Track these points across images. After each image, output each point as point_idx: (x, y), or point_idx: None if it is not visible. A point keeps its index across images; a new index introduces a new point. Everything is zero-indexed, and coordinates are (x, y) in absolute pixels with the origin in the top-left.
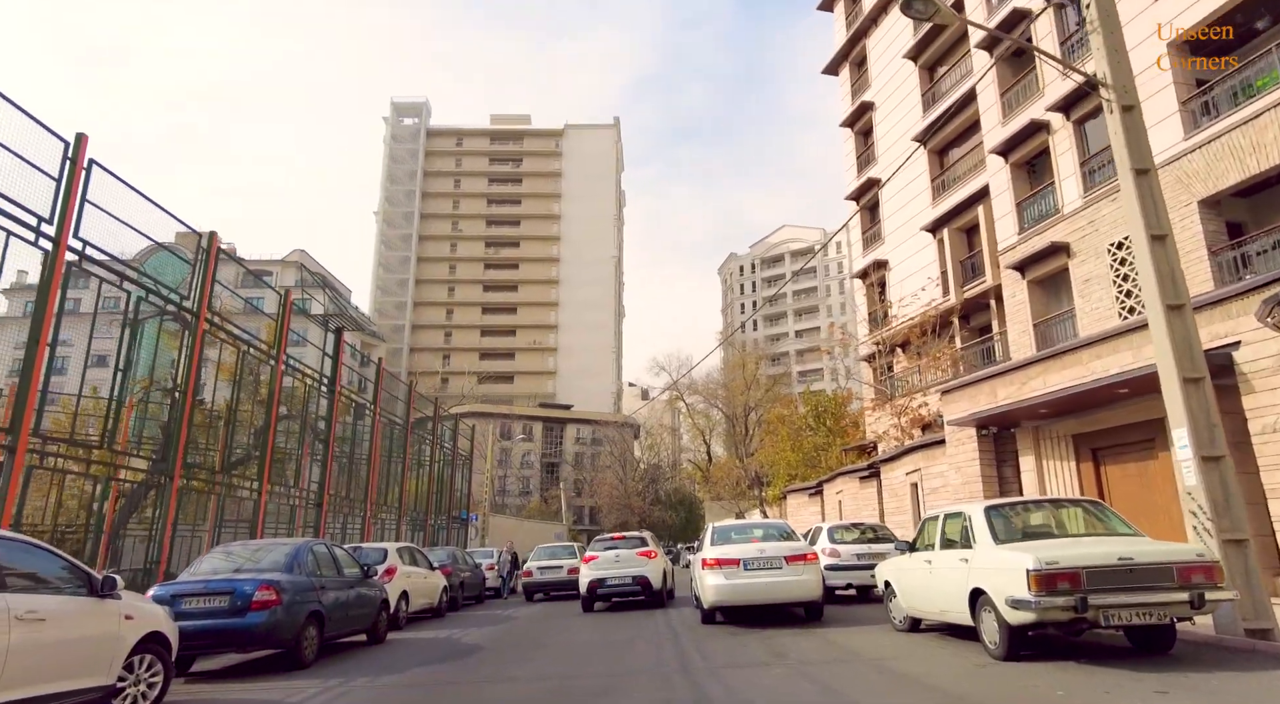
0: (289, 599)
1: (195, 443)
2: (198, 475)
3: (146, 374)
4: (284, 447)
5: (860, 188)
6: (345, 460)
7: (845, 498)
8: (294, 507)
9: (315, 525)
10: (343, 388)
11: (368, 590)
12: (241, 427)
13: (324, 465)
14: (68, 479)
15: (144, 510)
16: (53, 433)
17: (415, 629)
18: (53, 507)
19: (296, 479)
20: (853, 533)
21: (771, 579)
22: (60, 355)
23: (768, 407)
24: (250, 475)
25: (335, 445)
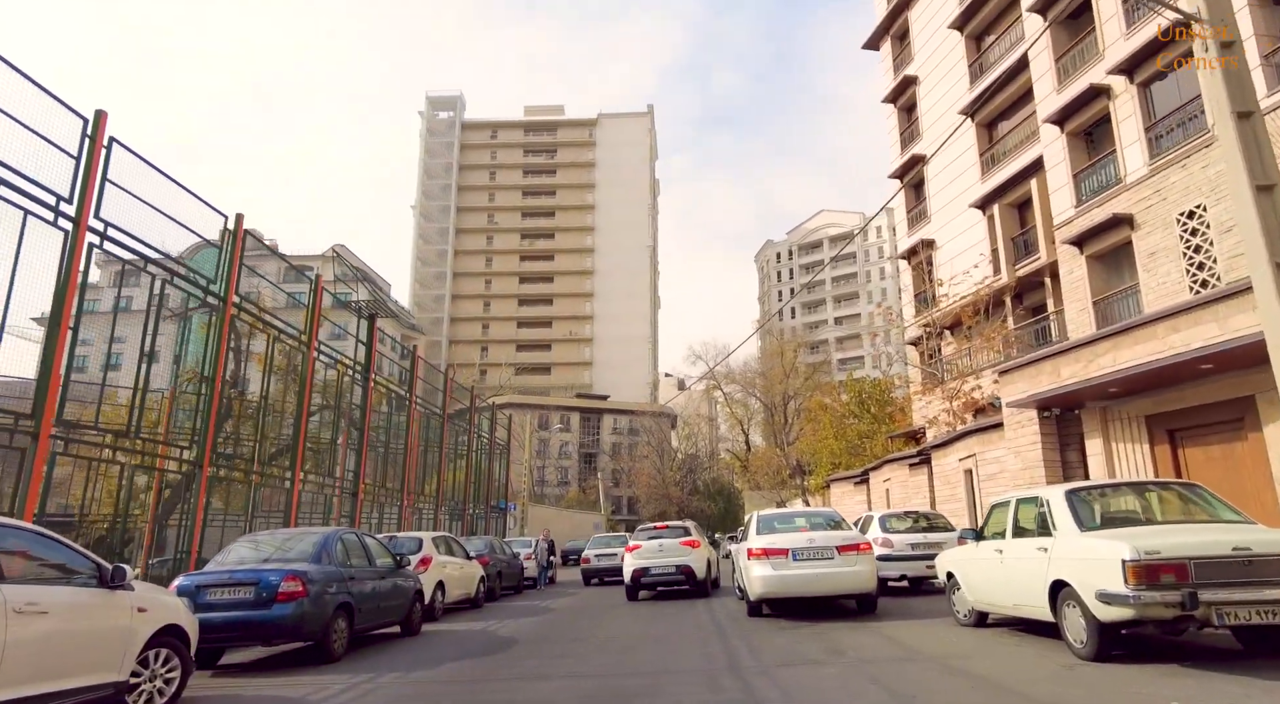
0: (316, 590)
1: (236, 433)
2: (238, 466)
3: (191, 365)
4: (319, 435)
5: (904, 165)
6: (383, 450)
7: (893, 486)
8: (329, 496)
9: (351, 515)
10: (377, 376)
11: (401, 581)
12: (281, 417)
13: (359, 454)
14: (114, 470)
15: (188, 501)
16: (79, 420)
17: (451, 620)
18: (103, 496)
19: (331, 468)
20: (906, 521)
21: (823, 570)
22: (100, 349)
23: (808, 395)
24: (288, 465)
25: (372, 435)
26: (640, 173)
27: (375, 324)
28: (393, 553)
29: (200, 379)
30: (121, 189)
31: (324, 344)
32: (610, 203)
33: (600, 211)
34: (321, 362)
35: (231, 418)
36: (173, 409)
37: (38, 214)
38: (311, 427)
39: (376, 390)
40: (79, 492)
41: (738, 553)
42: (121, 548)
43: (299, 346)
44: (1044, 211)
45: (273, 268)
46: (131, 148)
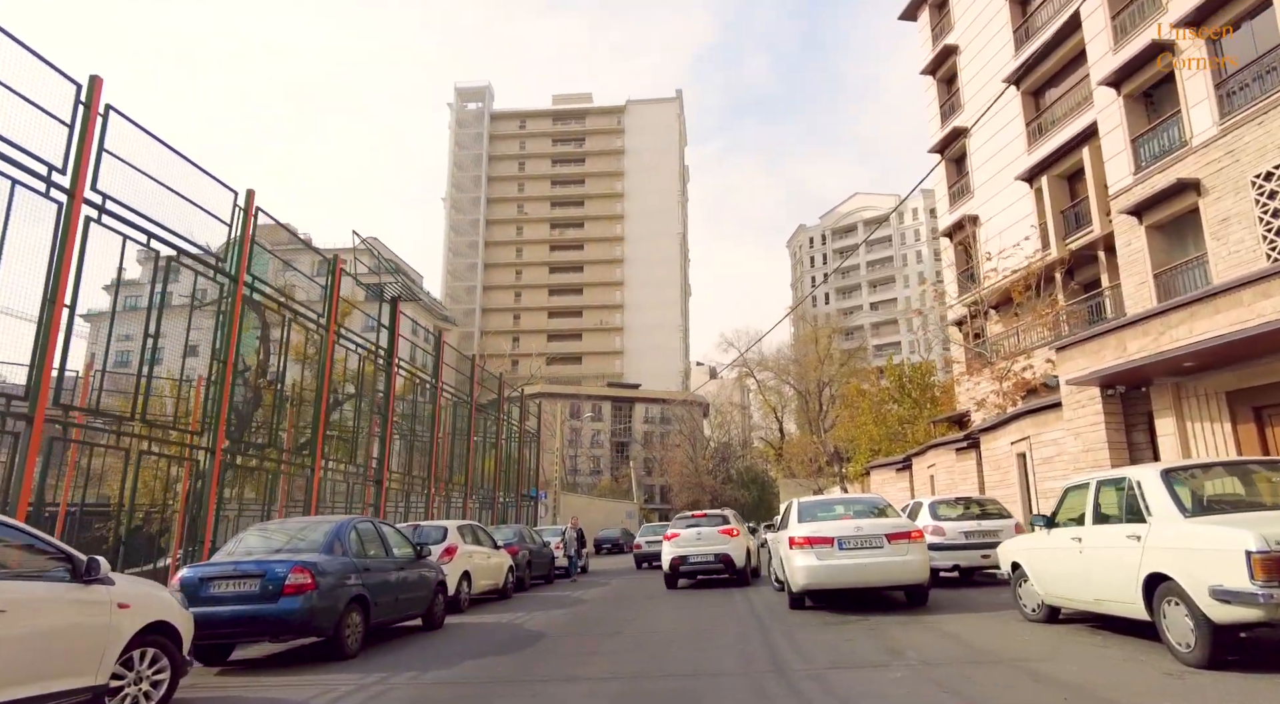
0: (327, 583)
1: (270, 422)
2: (269, 455)
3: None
4: (343, 422)
5: (944, 139)
6: (411, 438)
7: (938, 472)
8: (351, 485)
9: (376, 504)
10: (402, 362)
11: (421, 572)
12: (307, 406)
13: (382, 441)
14: (148, 460)
15: (224, 490)
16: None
17: (477, 612)
18: (139, 487)
19: (353, 456)
20: (957, 508)
21: (871, 560)
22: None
23: (843, 381)
24: (325, 455)
25: (401, 423)
26: (670, 159)
27: (398, 308)
28: (413, 543)
29: (212, 361)
30: (118, 158)
31: (345, 329)
32: (640, 190)
33: (630, 199)
34: (343, 347)
35: (261, 407)
36: (205, 398)
37: (28, 185)
38: (340, 415)
39: (404, 378)
40: (100, 481)
41: (776, 542)
42: (158, 538)
43: (318, 329)
44: (1098, 181)
45: (306, 263)
46: (131, 117)
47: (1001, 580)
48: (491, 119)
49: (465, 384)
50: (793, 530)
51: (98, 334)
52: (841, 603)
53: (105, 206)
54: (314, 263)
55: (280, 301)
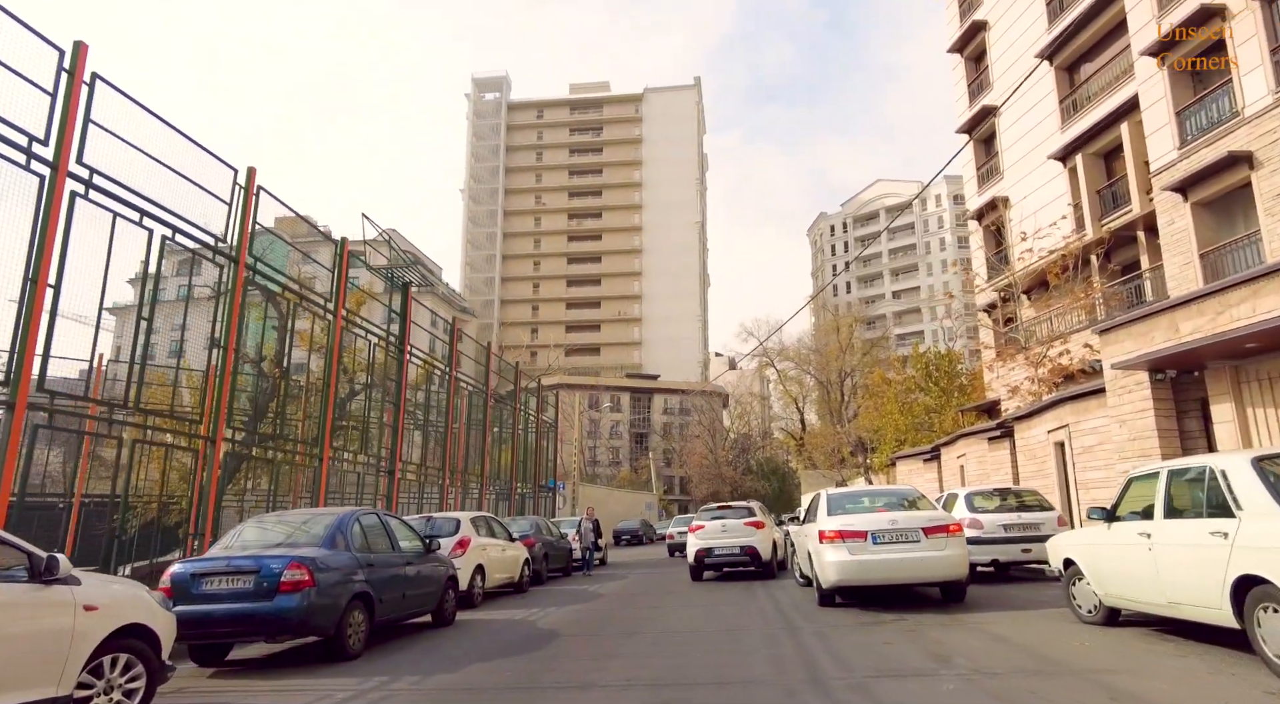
0: (326, 579)
1: (280, 412)
2: (282, 447)
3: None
4: (356, 413)
5: (973, 119)
6: (427, 429)
7: (969, 462)
8: (361, 476)
9: (389, 495)
10: (415, 350)
11: (430, 567)
12: (312, 396)
13: (394, 431)
14: (156, 449)
15: (239, 482)
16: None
17: (491, 607)
18: (158, 477)
19: (365, 446)
20: (995, 500)
21: (907, 555)
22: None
23: (866, 371)
24: (336, 446)
25: (417, 413)
26: (688, 148)
27: (410, 295)
28: (421, 536)
29: (211, 347)
30: (104, 129)
31: (359, 318)
32: (658, 180)
33: (647, 189)
34: (353, 334)
35: (278, 397)
36: (203, 386)
37: (7, 156)
38: (353, 405)
39: (418, 367)
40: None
41: (801, 536)
42: (176, 530)
43: (325, 314)
44: (1137, 158)
45: (327, 256)
46: (119, 86)
47: (1043, 576)
48: (509, 109)
49: (483, 374)
50: (823, 524)
51: (123, 328)
52: (873, 599)
53: (93, 181)
54: (334, 255)
55: (285, 285)
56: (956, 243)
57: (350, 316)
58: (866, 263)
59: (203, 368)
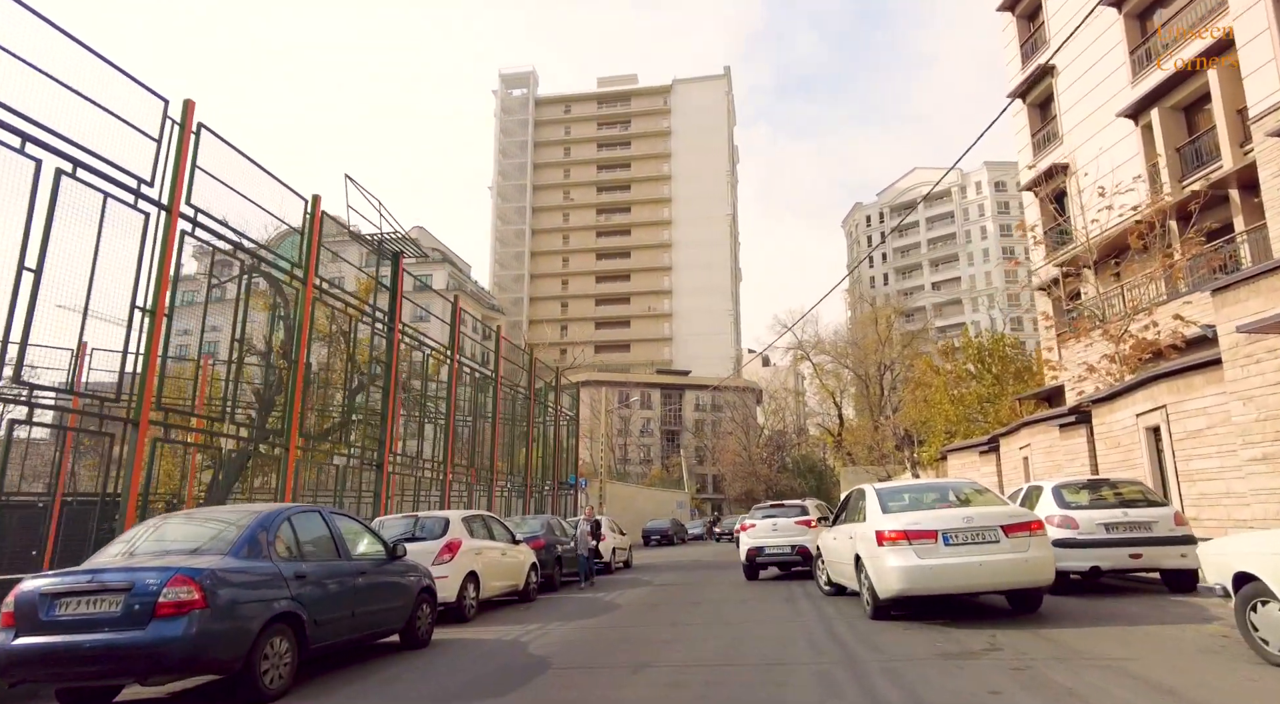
0: (228, 597)
1: (287, 408)
2: (281, 443)
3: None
4: (341, 402)
5: (1027, 81)
6: (434, 420)
7: (1034, 454)
8: (342, 470)
9: (376, 491)
10: (406, 327)
11: (394, 577)
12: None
13: (384, 419)
14: None
15: (246, 479)
16: None
17: (487, 621)
18: None
19: (345, 437)
20: (1089, 493)
21: (986, 558)
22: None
23: (907, 363)
24: (314, 436)
25: (416, 403)
26: (718, 139)
27: (401, 265)
28: (384, 539)
29: (233, 342)
30: (210, 175)
31: (324, 280)
32: (687, 172)
33: (677, 181)
34: (328, 306)
35: (283, 392)
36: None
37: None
38: (340, 394)
39: (418, 351)
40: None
41: (839, 537)
42: None
43: (291, 282)
44: (1229, 106)
45: (356, 255)
46: (219, 134)
47: (1145, 584)
48: (536, 104)
49: (492, 360)
50: (878, 523)
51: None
52: (932, 610)
53: (197, 219)
54: (362, 255)
55: (236, 244)
56: (999, 231)
57: (326, 289)
58: (905, 254)
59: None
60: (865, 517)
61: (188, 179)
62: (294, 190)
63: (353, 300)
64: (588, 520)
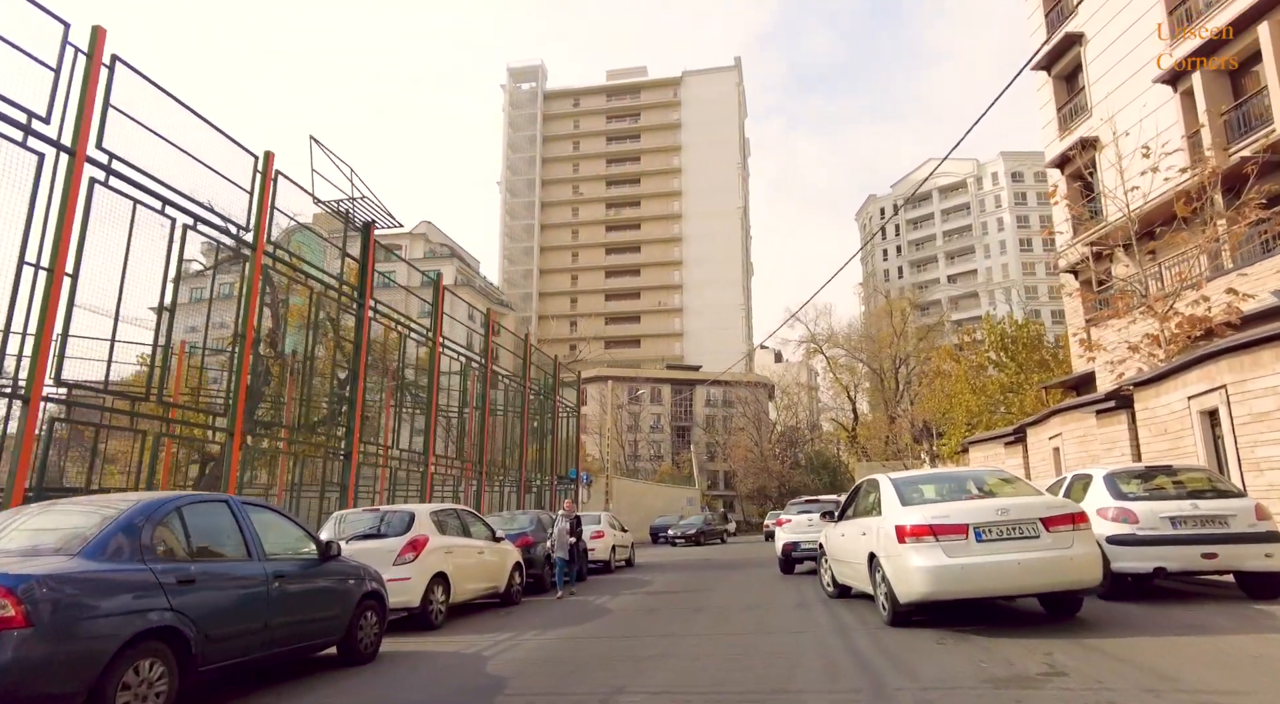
0: (65, 614)
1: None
2: (277, 435)
3: None
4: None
5: (1053, 52)
6: (415, 411)
7: (1066, 443)
8: (300, 460)
9: (343, 483)
10: (378, 304)
11: (327, 581)
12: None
13: (351, 404)
14: None
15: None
16: None
17: (455, 629)
18: None
19: (306, 421)
20: (1147, 482)
21: (1026, 556)
22: None
23: (924, 355)
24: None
25: (403, 391)
26: (729, 132)
27: (372, 237)
28: (316, 537)
29: (160, 314)
30: (129, 117)
31: (276, 245)
32: (698, 165)
33: (687, 175)
34: (281, 276)
35: (270, 383)
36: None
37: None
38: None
39: (392, 331)
40: None
41: (846, 534)
42: None
43: (237, 248)
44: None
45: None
46: (138, 68)
47: (1212, 588)
48: (545, 98)
49: (504, 358)
50: (898, 517)
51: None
52: (956, 617)
53: (111, 167)
54: (253, 173)
55: (165, 198)
56: (1015, 223)
57: (276, 251)
58: (920, 246)
59: None
60: (881, 510)
61: (99, 118)
62: (242, 145)
63: (315, 272)
64: (566, 516)
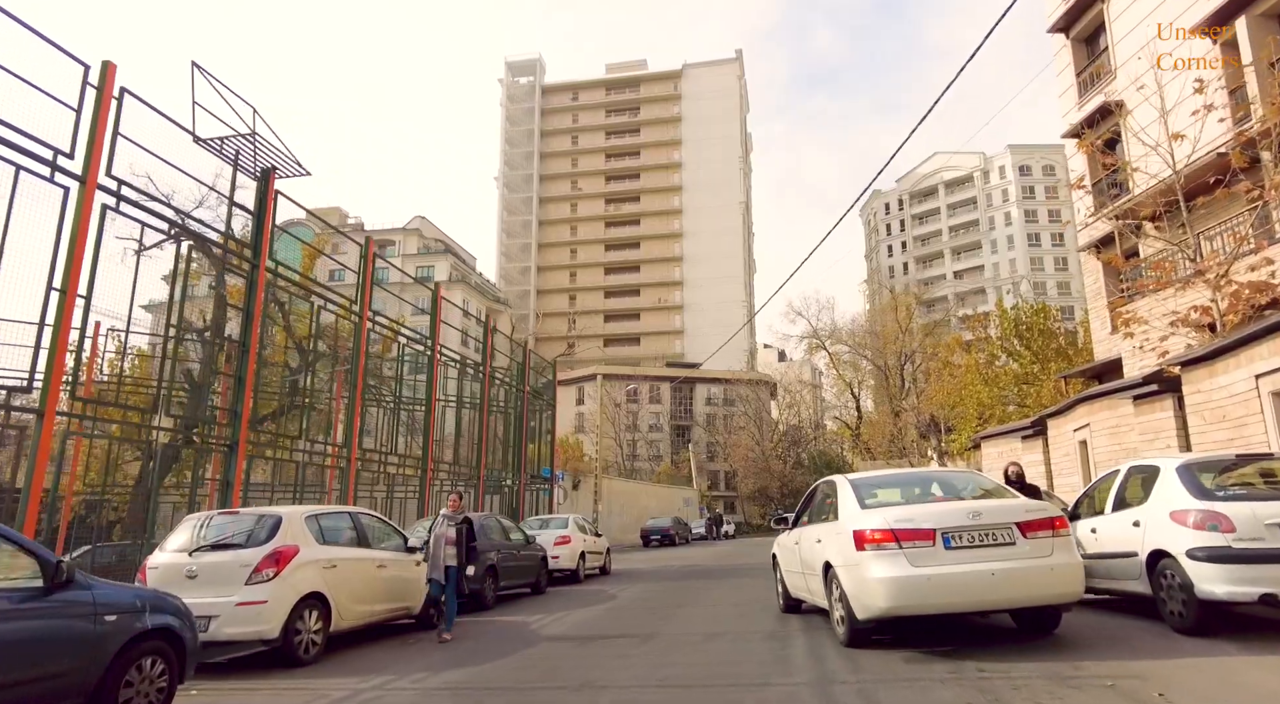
0: None
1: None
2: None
3: None
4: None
5: (1070, 11)
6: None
7: (1096, 435)
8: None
9: (228, 479)
10: (276, 264)
11: (52, 621)
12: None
13: (240, 383)
14: None
15: (179, 473)
16: None
17: (332, 665)
18: None
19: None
20: (1239, 477)
21: (1001, 565)
22: None
23: (929, 351)
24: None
25: (344, 378)
26: (730, 125)
27: (272, 184)
28: (44, 557)
29: None
30: None
31: (127, 185)
32: (699, 160)
33: (688, 169)
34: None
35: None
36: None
37: None
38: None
39: (301, 299)
40: None
41: (800, 542)
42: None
43: (46, 169)
44: None
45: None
46: None
47: None
48: (543, 92)
49: (468, 346)
50: (856, 521)
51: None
52: (923, 635)
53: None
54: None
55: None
56: (1023, 217)
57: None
58: (925, 242)
59: None
60: (838, 514)
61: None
62: (69, 53)
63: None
64: (451, 518)
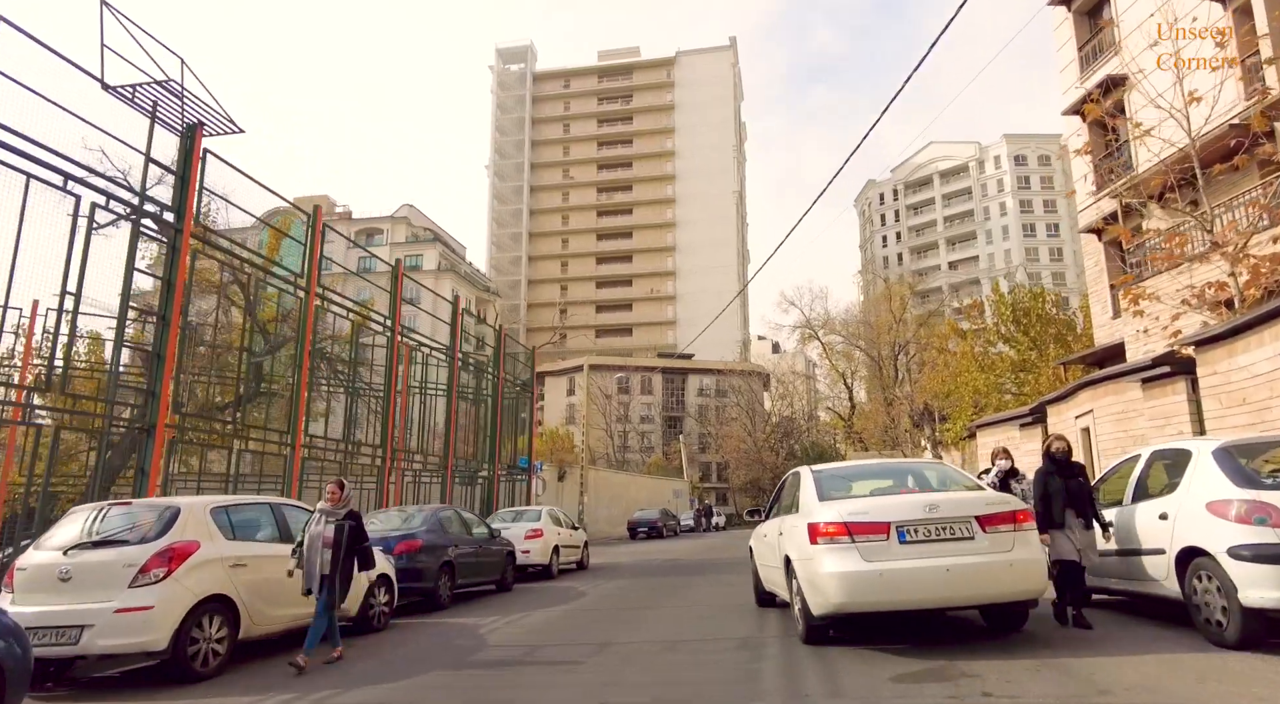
0: None
1: None
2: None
3: None
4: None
5: None
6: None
7: (1100, 422)
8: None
9: (144, 467)
10: (208, 230)
11: None
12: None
13: (160, 358)
14: None
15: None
16: None
17: (231, 681)
18: None
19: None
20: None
21: (957, 560)
22: None
23: (924, 341)
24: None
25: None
26: (724, 114)
27: (199, 138)
28: None
29: None
30: None
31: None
32: (692, 148)
33: (681, 157)
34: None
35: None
36: None
37: None
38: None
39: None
40: None
41: (771, 535)
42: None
43: None
44: None
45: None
46: None
47: None
48: (534, 80)
49: (433, 327)
50: (813, 513)
51: None
52: (889, 632)
53: None
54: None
55: None
56: (1019, 207)
57: None
58: (920, 232)
59: None
60: (798, 506)
61: None
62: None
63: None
64: (331, 513)
